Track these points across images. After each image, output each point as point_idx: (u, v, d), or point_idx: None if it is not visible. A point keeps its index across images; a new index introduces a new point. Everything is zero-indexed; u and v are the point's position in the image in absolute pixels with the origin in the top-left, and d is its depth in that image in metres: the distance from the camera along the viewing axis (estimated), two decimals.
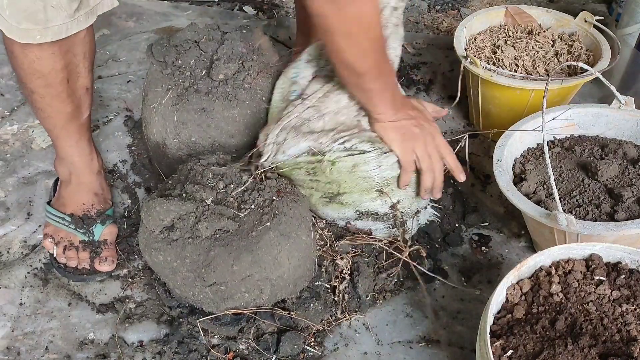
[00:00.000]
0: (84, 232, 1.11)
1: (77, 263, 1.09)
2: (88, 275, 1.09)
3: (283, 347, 0.95)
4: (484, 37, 1.37)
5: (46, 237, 1.11)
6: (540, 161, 1.09)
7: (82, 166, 1.12)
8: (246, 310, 0.97)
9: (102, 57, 1.62)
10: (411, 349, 0.98)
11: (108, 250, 1.11)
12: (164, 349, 0.97)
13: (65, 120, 1.05)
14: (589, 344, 0.75)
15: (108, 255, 1.10)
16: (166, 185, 1.02)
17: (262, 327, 0.98)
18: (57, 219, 1.12)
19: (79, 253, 1.10)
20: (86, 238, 1.11)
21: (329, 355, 0.97)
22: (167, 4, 1.87)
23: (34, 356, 0.98)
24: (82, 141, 1.10)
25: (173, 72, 1.15)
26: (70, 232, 1.11)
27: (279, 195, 0.97)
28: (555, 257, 0.89)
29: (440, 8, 1.88)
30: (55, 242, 1.11)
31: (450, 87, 1.54)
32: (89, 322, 1.03)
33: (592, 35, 1.33)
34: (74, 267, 1.09)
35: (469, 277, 1.08)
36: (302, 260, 0.98)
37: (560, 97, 1.26)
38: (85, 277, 1.09)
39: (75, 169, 1.12)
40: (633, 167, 1.05)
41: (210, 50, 1.17)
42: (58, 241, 1.11)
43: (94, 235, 1.11)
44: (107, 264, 1.09)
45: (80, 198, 1.13)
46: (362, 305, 1.03)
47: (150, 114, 1.13)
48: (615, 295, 0.82)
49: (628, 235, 0.92)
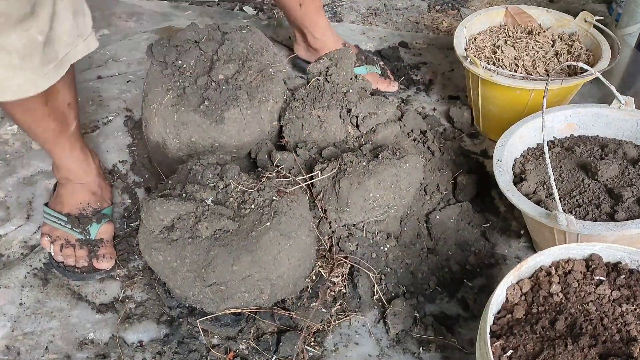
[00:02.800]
0: (80, 231, 1.11)
1: (75, 261, 1.09)
2: (87, 274, 1.09)
3: (283, 347, 0.95)
4: (484, 37, 1.37)
5: (44, 236, 1.12)
6: (540, 161, 1.09)
7: (79, 171, 1.13)
8: (246, 309, 0.97)
9: (102, 57, 1.62)
10: (411, 349, 0.98)
11: (105, 248, 1.11)
12: (164, 349, 0.97)
13: (53, 136, 1.05)
14: (589, 344, 0.75)
15: (106, 253, 1.10)
16: (166, 185, 1.02)
17: (262, 327, 0.98)
18: (54, 219, 1.12)
19: (76, 251, 1.10)
20: (82, 237, 1.11)
21: (329, 356, 0.97)
22: (167, 4, 1.87)
23: (34, 356, 0.98)
24: (74, 150, 1.11)
25: (173, 72, 1.15)
26: (66, 230, 1.11)
27: (279, 195, 0.97)
28: (555, 257, 0.89)
29: (440, 8, 1.88)
30: (51, 240, 1.11)
31: (450, 87, 1.54)
32: (89, 322, 1.03)
33: (592, 35, 1.33)
34: (72, 265, 1.09)
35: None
36: (302, 260, 0.98)
37: (560, 97, 1.26)
38: (84, 276, 1.09)
39: (73, 174, 1.13)
40: (633, 167, 1.05)
41: (210, 50, 1.17)
42: (54, 239, 1.11)
43: (89, 234, 1.11)
44: (106, 261, 1.10)
45: (77, 198, 1.13)
46: (362, 305, 1.03)
47: (151, 114, 1.13)
48: (615, 295, 0.82)
49: (628, 235, 0.92)
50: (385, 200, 1.03)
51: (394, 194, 1.04)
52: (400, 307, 1.01)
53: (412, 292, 1.05)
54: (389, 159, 1.03)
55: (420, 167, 1.08)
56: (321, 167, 1.05)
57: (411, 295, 1.04)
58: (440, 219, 1.13)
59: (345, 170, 1.02)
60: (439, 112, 1.46)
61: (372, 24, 1.80)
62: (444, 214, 1.13)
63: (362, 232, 1.07)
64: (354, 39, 1.71)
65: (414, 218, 1.13)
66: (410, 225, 1.12)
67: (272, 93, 1.14)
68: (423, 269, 1.08)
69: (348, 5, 1.89)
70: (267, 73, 1.16)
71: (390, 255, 1.07)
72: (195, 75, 1.14)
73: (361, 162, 1.03)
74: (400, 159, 1.03)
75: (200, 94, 1.12)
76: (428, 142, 1.24)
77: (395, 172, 1.02)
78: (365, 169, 1.01)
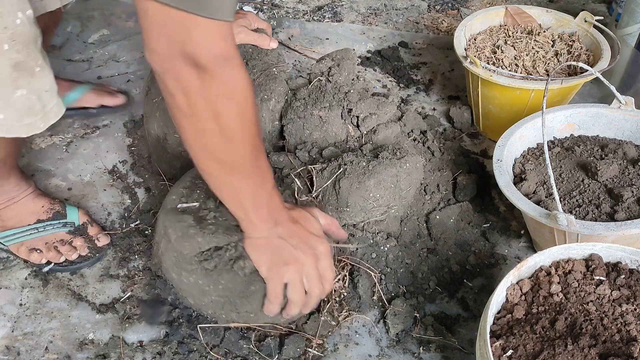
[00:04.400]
0: (64, 224, 1.10)
1: (78, 252, 1.09)
2: (97, 256, 1.10)
3: (286, 351, 0.95)
4: (484, 37, 1.37)
5: (31, 253, 1.07)
6: (540, 161, 1.09)
7: (20, 190, 1.10)
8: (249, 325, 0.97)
9: (102, 57, 1.62)
10: (411, 349, 0.98)
11: (93, 227, 1.12)
12: (164, 349, 0.97)
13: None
14: (589, 344, 0.75)
15: (97, 232, 1.11)
16: (192, 194, 0.96)
17: (264, 330, 0.98)
18: (27, 233, 1.08)
19: (73, 243, 1.09)
20: (69, 228, 1.11)
21: (329, 356, 0.97)
22: None
23: (34, 356, 0.98)
24: (11, 176, 1.07)
25: None
26: (51, 234, 1.09)
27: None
28: (555, 257, 0.89)
29: (440, 8, 1.88)
30: (40, 250, 1.08)
31: (450, 87, 1.54)
32: (89, 322, 1.03)
33: (592, 35, 1.33)
34: (77, 258, 1.09)
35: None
36: None
37: (560, 97, 1.26)
38: (97, 258, 1.10)
39: (14, 193, 1.09)
40: (633, 167, 1.05)
41: None
42: (43, 249, 1.08)
43: (73, 222, 1.11)
44: (103, 237, 1.11)
45: (36, 205, 1.10)
46: (362, 305, 1.03)
47: (152, 108, 1.13)
48: (615, 295, 0.82)
49: (628, 235, 0.92)
50: (385, 200, 1.03)
51: (394, 194, 1.04)
52: (400, 307, 1.01)
53: (412, 292, 1.05)
54: (389, 159, 1.03)
55: (421, 167, 1.08)
56: (321, 167, 1.05)
57: (411, 295, 1.04)
58: (440, 219, 1.13)
59: (345, 170, 1.02)
60: (439, 112, 1.46)
61: (372, 24, 1.80)
62: (444, 214, 1.13)
63: (362, 232, 1.07)
64: (354, 39, 1.71)
65: (414, 218, 1.13)
66: (410, 225, 1.12)
67: (274, 92, 1.14)
68: (423, 269, 1.08)
69: (348, 5, 1.89)
70: (271, 72, 1.16)
71: (390, 255, 1.07)
72: None
73: (361, 162, 1.03)
74: (400, 159, 1.03)
75: None
76: (428, 142, 1.24)
77: (396, 172, 1.02)
78: (365, 169, 1.01)
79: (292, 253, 0.84)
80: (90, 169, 1.30)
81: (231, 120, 0.73)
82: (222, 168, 0.78)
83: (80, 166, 1.30)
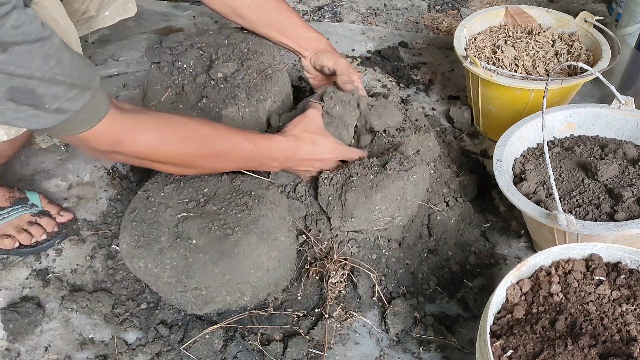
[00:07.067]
0: (29, 206, 1.13)
1: (45, 232, 1.12)
2: (65, 232, 1.13)
3: (290, 353, 0.95)
4: (484, 37, 1.37)
5: (3, 240, 1.10)
6: (540, 161, 1.09)
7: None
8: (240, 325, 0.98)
9: (101, 57, 1.62)
10: (411, 349, 0.98)
11: (54, 206, 1.16)
12: (162, 350, 0.97)
13: None
14: (589, 344, 0.75)
15: (58, 209, 1.15)
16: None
17: (268, 333, 0.98)
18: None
19: (41, 223, 1.12)
20: (33, 210, 1.13)
21: (329, 356, 0.97)
22: (167, 4, 1.87)
23: (34, 357, 0.98)
24: None
25: (172, 70, 1.15)
26: (16, 217, 1.12)
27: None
28: (555, 257, 0.89)
29: (440, 8, 1.88)
30: (10, 235, 1.11)
31: (450, 87, 1.54)
32: (89, 323, 1.03)
33: (592, 35, 1.33)
34: (47, 237, 1.12)
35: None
36: (282, 261, 0.99)
37: (560, 97, 1.26)
38: (66, 234, 1.13)
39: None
40: (633, 167, 1.04)
41: (210, 49, 1.17)
42: (11, 233, 1.11)
43: (36, 205, 1.14)
44: (66, 213, 1.15)
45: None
46: (362, 305, 1.03)
47: None
48: (615, 295, 0.82)
49: (628, 235, 0.92)
50: (390, 212, 1.03)
51: (399, 206, 1.03)
52: (400, 307, 1.01)
53: (412, 292, 1.05)
54: (397, 170, 1.02)
55: (427, 177, 1.07)
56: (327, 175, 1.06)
57: (411, 295, 1.04)
58: (440, 219, 1.13)
59: (352, 182, 1.02)
60: (439, 112, 1.46)
61: (372, 24, 1.80)
62: (445, 214, 1.13)
63: (364, 235, 1.07)
64: (354, 39, 1.71)
65: (417, 221, 1.12)
66: (412, 228, 1.11)
67: (270, 92, 1.14)
68: (423, 269, 1.07)
69: (348, 5, 1.89)
70: (267, 73, 1.16)
71: (391, 256, 1.07)
72: (194, 73, 1.14)
73: (368, 175, 1.02)
74: (408, 171, 1.02)
75: (199, 91, 1.12)
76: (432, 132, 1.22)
77: (402, 185, 1.01)
78: (372, 182, 1.01)
79: (304, 171, 1.08)
80: (90, 169, 1.30)
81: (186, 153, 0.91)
82: (211, 170, 1.00)
83: (80, 166, 1.30)
